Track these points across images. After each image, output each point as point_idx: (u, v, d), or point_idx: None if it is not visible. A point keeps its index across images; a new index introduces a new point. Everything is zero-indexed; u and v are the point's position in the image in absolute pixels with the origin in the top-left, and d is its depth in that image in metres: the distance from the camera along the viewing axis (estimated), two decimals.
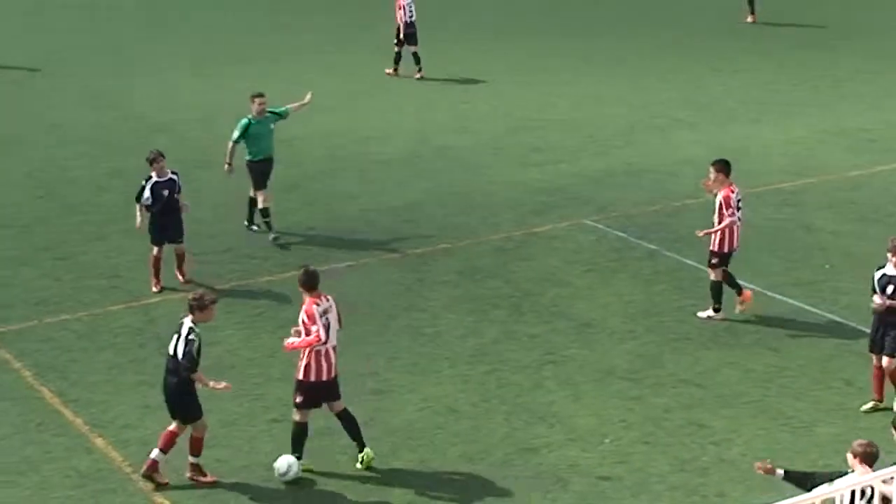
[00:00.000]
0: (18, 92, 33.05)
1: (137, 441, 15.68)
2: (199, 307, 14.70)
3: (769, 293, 20.16)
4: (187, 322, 14.67)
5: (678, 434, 15.92)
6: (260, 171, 22.46)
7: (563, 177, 26.08)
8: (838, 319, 19.14)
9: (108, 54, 37.21)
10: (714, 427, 16.07)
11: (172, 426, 14.87)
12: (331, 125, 30.15)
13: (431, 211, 24.06)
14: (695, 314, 19.28)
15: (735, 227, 19.06)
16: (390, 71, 35.17)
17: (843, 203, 24.51)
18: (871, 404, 16.45)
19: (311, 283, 15.17)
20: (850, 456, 12.02)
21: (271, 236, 22.31)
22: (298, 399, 15.05)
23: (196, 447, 14.92)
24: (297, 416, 15.12)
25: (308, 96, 23.78)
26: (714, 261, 19.17)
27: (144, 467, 14.80)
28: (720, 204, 18.97)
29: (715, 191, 19.21)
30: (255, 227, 22.78)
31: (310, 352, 14.85)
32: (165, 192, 20.18)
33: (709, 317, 19.20)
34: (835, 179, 25.91)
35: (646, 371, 17.57)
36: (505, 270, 21.11)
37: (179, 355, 14.61)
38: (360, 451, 15.12)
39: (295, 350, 15.07)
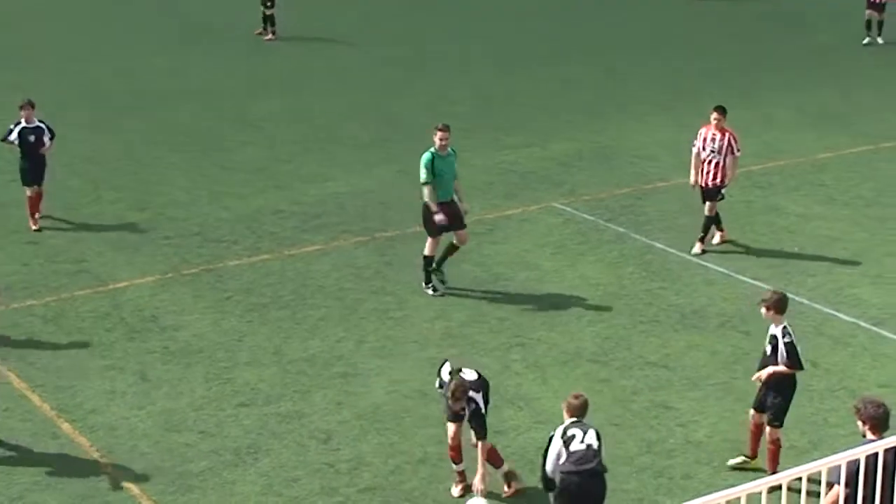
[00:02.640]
0: None
1: (104, 426, 15.63)
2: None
3: (737, 275, 20.24)
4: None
5: (645, 416, 15.96)
6: (441, 217, 19.20)
7: (532, 159, 26.11)
8: (805, 301, 19.19)
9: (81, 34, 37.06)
10: (681, 409, 16.12)
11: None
12: (300, 106, 30.14)
13: (402, 193, 24.01)
14: (658, 294, 19.39)
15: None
16: (260, 30, 37.33)
17: (811, 185, 24.62)
18: (741, 459, 14.92)
19: None
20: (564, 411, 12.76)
21: (441, 288, 19.56)
22: None
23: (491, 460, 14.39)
24: None
25: (439, 217, 19.19)
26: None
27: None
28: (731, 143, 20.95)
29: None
30: (433, 288, 19.54)
31: None
32: (31, 138, 21.96)
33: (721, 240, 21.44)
34: (803, 162, 25.99)
35: (613, 353, 17.61)
36: (475, 253, 21.07)
37: None
38: None
39: None
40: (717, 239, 21.48)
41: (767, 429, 14.53)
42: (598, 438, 12.73)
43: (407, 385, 16.72)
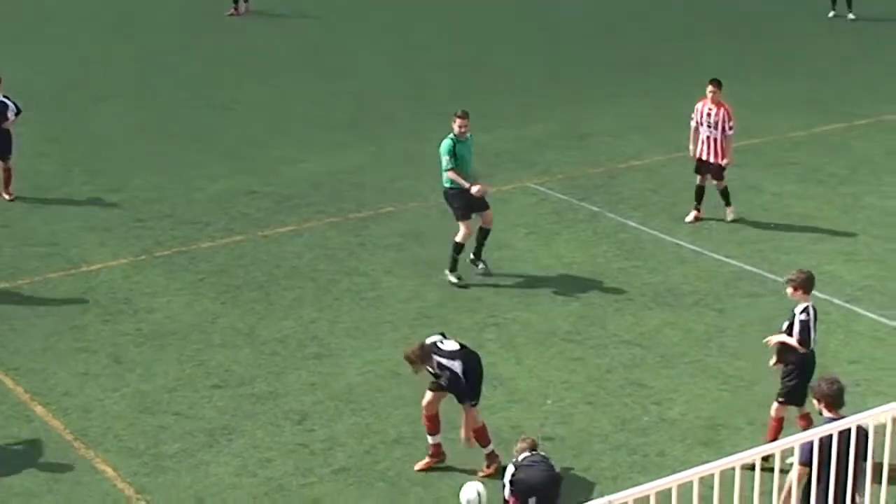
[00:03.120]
0: None
1: (78, 408, 15.56)
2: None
3: (711, 253, 20.26)
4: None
5: (619, 394, 15.97)
6: (465, 200, 19.09)
7: (506, 139, 26.08)
8: (779, 279, 19.11)
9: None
10: (655, 387, 16.13)
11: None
12: (273, 87, 30.06)
13: (376, 174, 24.01)
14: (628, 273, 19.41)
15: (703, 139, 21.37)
16: (231, 11, 36.73)
17: (784, 164, 24.67)
18: None
19: None
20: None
21: (479, 266, 19.56)
22: None
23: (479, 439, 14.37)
24: None
25: (476, 188, 19.03)
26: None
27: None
28: (725, 119, 21.05)
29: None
30: (480, 265, 19.58)
31: None
32: None
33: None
34: (776, 140, 26.03)
35: (587, 332, 17.61)
36: (449, 233, 20.95)
37: None
38: None
39: None
40: (690, 217, 21.51)
41: (774, 404, 14.32)
42: (547, 455, 13.12)
43: (381, 365, 16.70)
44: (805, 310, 14.15)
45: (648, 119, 27.42)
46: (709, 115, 21.17)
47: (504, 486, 12.97)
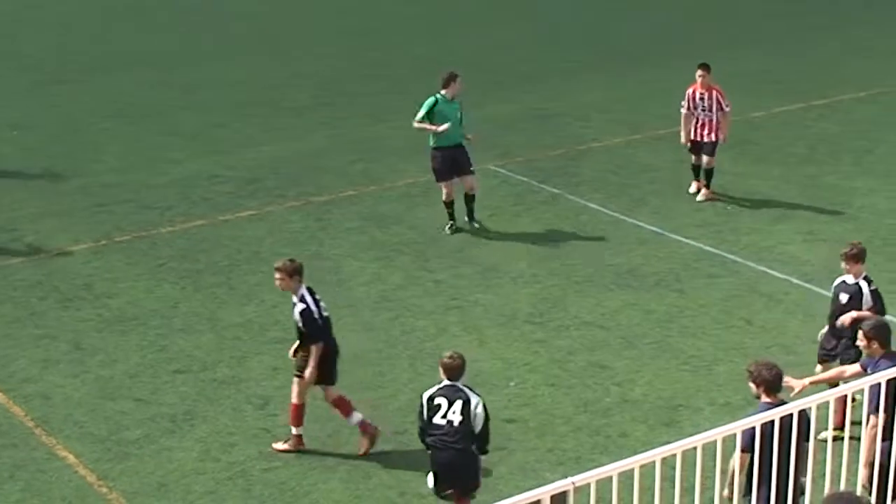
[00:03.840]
0: None
1: (38, 395, 15.50)
2: None
3: (671, 234, 20.34)
4: None
5: (582, 376, 16.02)
6: (446, 159, 19.94)
7: (468, 122, 26.02)
8: (739, 259, 19.34)
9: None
10: (617, 368, 16.19)
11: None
12: (235, 71, 29.96)
13: (336, 158, 23.98)
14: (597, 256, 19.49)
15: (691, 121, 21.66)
16: None
17: (744, 144, 24.74)
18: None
19: None
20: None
21: (475, 224, 20.32)
22: None
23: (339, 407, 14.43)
24: None
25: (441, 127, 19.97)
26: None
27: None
28: (719, 100, 21.39)
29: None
30: (476, 224, 20.36)
31: None
32: None
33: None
34: (736, 121, 26.03)
35: (549, 314, 17.65)
36: (410, 216, 21.10)
37: None
38: None
39: None
40: (694, 188, 21.96)
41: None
42: (464, 413, 12.21)
43: (342, 350, 16.51)
44: (868, 278, 14.36)
45: (607, 100, 27.48)
46: (701, 99, 21.42)
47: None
